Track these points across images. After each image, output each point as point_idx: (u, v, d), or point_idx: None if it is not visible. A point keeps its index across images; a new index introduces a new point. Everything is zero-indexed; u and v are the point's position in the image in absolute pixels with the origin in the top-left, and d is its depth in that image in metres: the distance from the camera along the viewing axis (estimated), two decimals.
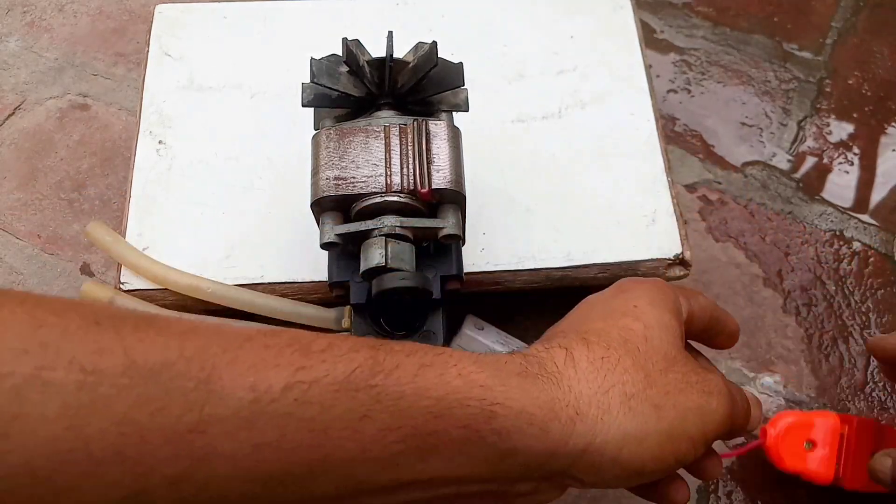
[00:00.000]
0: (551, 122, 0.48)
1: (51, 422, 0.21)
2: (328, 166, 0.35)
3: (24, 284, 0.54)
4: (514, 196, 0.45)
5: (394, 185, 0.35)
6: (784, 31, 0.65)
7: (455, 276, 0.37)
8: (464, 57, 0.48)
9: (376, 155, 0.35)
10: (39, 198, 0.56)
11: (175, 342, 0.24)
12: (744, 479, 0.48)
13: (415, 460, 0.26)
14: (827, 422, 0.45)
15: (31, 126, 0.59)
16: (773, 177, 0.58)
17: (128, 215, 0.45)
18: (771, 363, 0.52)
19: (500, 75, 0.49)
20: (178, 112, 0.48)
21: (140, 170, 0.46)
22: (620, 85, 0.49)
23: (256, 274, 0.43)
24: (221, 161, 0.46)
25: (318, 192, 0.35)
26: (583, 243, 0.44)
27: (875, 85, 0.62)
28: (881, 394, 0.51)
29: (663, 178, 0.46)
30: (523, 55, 0.50)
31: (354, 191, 0.35)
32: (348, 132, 0.36)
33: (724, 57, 0.63)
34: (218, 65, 0.50)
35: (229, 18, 0.51)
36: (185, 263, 0.43)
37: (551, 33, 0.51)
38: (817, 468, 0.44)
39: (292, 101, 0.45)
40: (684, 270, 0.43)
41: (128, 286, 0.43)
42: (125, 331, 0.24)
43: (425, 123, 0.36)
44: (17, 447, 0.21)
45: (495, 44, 0.50)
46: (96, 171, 0.57)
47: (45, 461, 0.21)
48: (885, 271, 0.55)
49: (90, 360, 0.22)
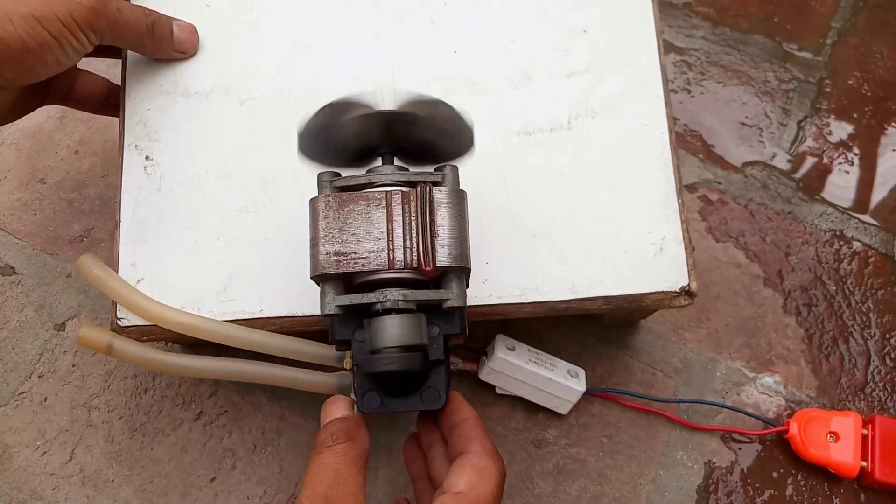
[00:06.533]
0: (560, 134, 0.45)
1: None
2: (328, 239, 0.34)
3: (24, 284, 0.54)
4: (520, 219, 0.43)
5: (396, 262, 0.34)
6: (784, 31, 0.65)
7: (459, 334, 0.36)
8: (468, 55, 0.46)
9: (378, 227, 0.34)
10: (39, 198, 0.56)
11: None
12: (744, 479, 0.48)
13: None
14: (848, 419, 0.48)
15: (32, 126, 0.59)
16: (773, 177, 0.58)
17: (119, 242, 0.43)
18: (771, 363, 0.52)
19: (507, 78, 0.46)
20: (163, 123, 0.45)
21: (128, 190, 0.44)
22: (634, 90, 0.45)
23: (255, 308, 0.41)
24: (213, 180, 0.44)
25: (318, 269, 0.34)
26: (588, 274, 0.42)
27: (875, 85, 0.62)
28: (881, 394, 0.51)
29: (674, 200, 0.43)
30: (532, 53, 0.46)
31: (356, 268, 0.34)
32: (348, 200, 0.34)
33: (723, 57, 0.63)
34: (202, 65, 0.46)
35: (212, 7, 0.47)
36: (182, 297, 0.41)
37: (563, 27, 0.46)
38: (842, 459, 0.46)
39: (283, 109, 0.44)
40: (689, 300, 0.42)
41: (125, 322, 0.41)
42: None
43: (429, 190, 0.34)
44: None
45: (502, 39, 0.46)
46: (96, 171, 0.57)
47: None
48: (885, 271, 0.55)
49: None
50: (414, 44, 0.45)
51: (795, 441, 0.47)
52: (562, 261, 0.42)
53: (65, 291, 0.53)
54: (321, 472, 0.33)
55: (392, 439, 0.48)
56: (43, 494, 0.48)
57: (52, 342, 0.52)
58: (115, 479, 0.48)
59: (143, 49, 0.43)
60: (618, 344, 0.52)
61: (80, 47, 0.39)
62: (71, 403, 0.50)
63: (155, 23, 0.42)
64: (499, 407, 0.50)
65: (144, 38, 0.42)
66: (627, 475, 0.48)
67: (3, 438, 0.49)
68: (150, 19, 0.42)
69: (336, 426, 0.36)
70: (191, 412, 0.50)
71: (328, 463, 0.34)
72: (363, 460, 0.35)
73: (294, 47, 0.45)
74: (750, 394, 0.51)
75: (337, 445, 0.34)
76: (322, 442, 0.35)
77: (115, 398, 0.50)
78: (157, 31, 0.42)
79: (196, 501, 0.48)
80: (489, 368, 0.47)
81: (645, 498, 0.48)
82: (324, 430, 0.36)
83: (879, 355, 0.52)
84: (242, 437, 0.49)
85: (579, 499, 0.48)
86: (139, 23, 0.41)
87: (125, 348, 0.41)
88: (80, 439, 0.49)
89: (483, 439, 0.36)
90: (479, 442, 0.36)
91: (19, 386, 0.51)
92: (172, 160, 0.44)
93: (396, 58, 0.45)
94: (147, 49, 0.43)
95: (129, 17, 0.40)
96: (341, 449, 0.34)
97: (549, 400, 0.48)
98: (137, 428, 0.49)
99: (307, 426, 0.49)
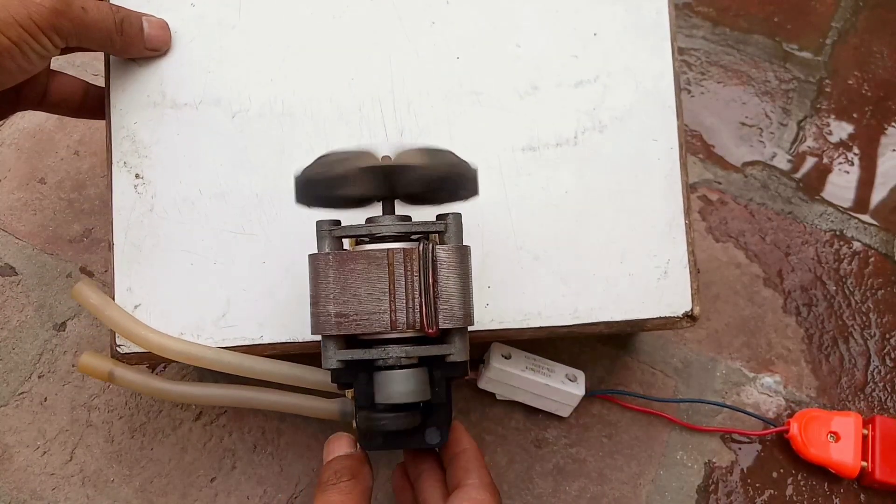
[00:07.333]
0: (566, 150, 0.43)
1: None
2: (328, 300, 0.34)
3: (24, 284, 0.54)
4: (522, 241, 0.42)
5: (399, 324, 0.33)
6: (784, 31, 0.65)
7: (460, 377, 0.36)
8: (471, 60, 0.43)
9: (379, 287, 0.33)
10: (39, 198, 0.56)
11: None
12: (744, 479, 0.48)
13: None
14: (848, 419, 0.48)
15: (32, 126, 0.59)
16: (773, 177, 0.58)
17: (114, 265, 0.42)
18: (771, 363, 0.52)
19: (512, 87, 0.43)
20: (152, 137, 0.43)
21: (120, 211, 0.42)
22: (645, 100, 0.44)
23: (256, 334, 0.41)
24: (207, 200, 0.42)
25: (319, 329, 0.34)
26: (591, 299, 0.41)
27: (875, 85, 0.62)
28: (881, 394, 0.51)
29: (681, 221, 0.42)
30: (539, 59, 0.44)
31: (357, 330, 0.33)
32: (348, 258, 0.34)
33: (724, 57, 0.63)
34: (189, 72, 0.43)
35: (197, 7, 0.43)
36: (180, 323, 0.41)
37: (572, 30, 0.44)
38: (842, 459, 0.46)
39: (277, 122, 0.42)
40: (691, 323, 0.42)
41: (124, 349, 0.41)
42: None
43: (431, 250, 0.34)
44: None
45: (507, 43, 0.44)
46: (96, 171, 0.57)
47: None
48: (885, 271, 0.55)
49: None
50: (414, 48, 0.43)
51: (796, 441, 0.47)
52: (565, 284, 0.42)
53: (65, 291, 0.53)
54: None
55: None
56: (43, 494, 0.48)
57: (52, 342, 0.52)
58: (115, 479, 0.48)
59: (113, 49, 0.40)
60: (618, 344, 0.52)
61: (44, 51, 0.36)
62: (71, 403, 0.50)
63: (124, 20, 0.39)
64: (498, 408, 0.50)
65: (113, 38, 0.39)
66: (627, 475, 0.48)
67: (3, 438, 0.49)
68: (118, 17, 0.39)
69: (339, 464, 0.36)
70: (191, 412, 0.50)
71: (333, 501, 0.34)
72: (367, 498, 0.35)
73: (286, 52, 0.43)
74: (750, 394, 0.51)
75: (341, 483, 0.34)
76: (326, 480, 0.35)
77: (115, 398, 0.50)
78: (125, 30, 0.40)
79: (196, 501, 0.48)
80: (487, 378, 0.47)
81: (645, 498, 0.48)
82: (327, 467, 0.36)
83: (879, 355, 0.52)
84: (242, 437, 0.49)
85: (579, 499, 0.48)
86: (107, 21, 0.38)
87: (126, 376, 0.41)
88: (80, 439, 0.49)
89: (480, 471, 0.36)
90: (477, 474, 0.36)
91: (19, 386, 0.51)
92: (164, 179, 0.42)
93: (395, 64, 0.43)
94: (117, 49, 0.40)
95: (95, 16, 0.38)
96: (345, 487, 0.34)
97: (548, 404, 0.48)
98: (137, 428, 0.49)
99: (307, 426, 0.49)
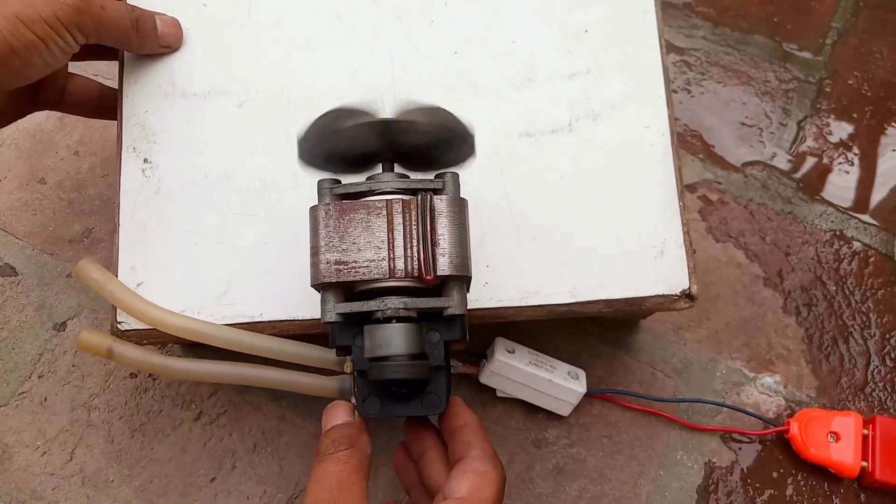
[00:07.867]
0: (561, 136, 0.44)
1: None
2: (328, 248, 0.34)
3: (24, 284, 0.54)
4: (520, 223, 0.43)
5: (397, 271, 0.34)
6: (784, 31, 0.65)
7: (459, 340, 0.36)
8: (469, 55, 0.45)
9: (378, 236, 0.34)
10: (39, 198, 0.56)
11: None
12: (744, 479, 0.48)
13: None
14: (848, 419, 0.48)
15: (31, 126, 0.59)
16: (773, 177, 0.58)
17: (118, 246, 0.43)
18: (771, 363, 0.52)
19: (508, 78, 0.45)
20: (162, 125, 0.44)
21: (127, 193, 0.43)
22: (636, 91, 0.45)
23: (256, 312, 0.41)
24: (212, 183, 0.43)
25: (318, 277, 0.34)
26: (589, 277, 0.42)
27: (875, 85, 0.62)
28: (881, 394, 0.51)
29: (675, 203, 0.43)
30: (533, 53, 0.46)
31: (356, 277, 0.34)
32: (348, 208, 0.34)
33: (723, 57, 0.63)
34: (200, 65, 0.45)
35: (209, 5, 0.46)
36: (182, 301, 0.41)
37: (565, 26, 0.46)
38: (842, 459, 0.46)
39: (282, 111, 0.44)
40: (689, 303, 0.42)
41: (125, 326, 0.41)
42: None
43: (430, 199, 0.34)
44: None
45: (503, 39, 0.46)
46: (96, 171, 0.57)
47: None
48: (885, 271, 0.55)
49: None
50: (413, 44, 0.45)
51: (796, 441, 0.47)
52: (562, 264, 0.42)
53: (65, 291, 0.53)
54: (324, 480, 0.33)
55: (393, 437, 0.48)
56: (43, 494, 0.48)
57: (52, 342, 0.52)
58: (115, 479, 0.48)
59: (129, 45, 0.43)
60: (618, 344, 0.52)
61: (67, 47, 0.39)
62: (71, 403, 0.50)
63: (139, 18, 0.42)
64: (499, 407, 0.50)
65: (129, 35, 0.42)
66: (627, 475, 0.48)
67: (3, 438, 0.49)
68: (133, 15, 0.42)
69: (337, 433, 0.35)
70: (191, 412, 0.50)
71: (331, 471, 0.34)
72: (366, 467, 0.35)
73: (292, 47, 0.45)
74: (750, 394, 0.51)
75: (339, 453, 0.34)
76: (324, 449, 0.35)
77: (115, 398, 0.50)
78: (141, 27, 0.42)
79: (196, 501, 0.48)
80: (489, 371, 0.47)
81: (645, 498, 0.48)
82: (325, 436, 0.36)
83: (879, 355, 0.52)
84: (242, 437, 0.49)
85: (579, 499, 0.48)
86: (123, 19, 0.41)
87: (126, 352, 0.41)
88: (80, 439, 0.49)
89: (483, 443, 0.36)
90: (479, 446, 0.36)
91: (19, 386, 0.51)
92: (171, 163, 0.44)
93: (396, 59, 0.45)
94: (133, 45, 0.43)
95: (112, 14, 0.40)
96: (343, 456, 0.34)
97: (549, 402, 0.48)
98: (137, 428, 0.49)
99: (307, 426, 0.49)
